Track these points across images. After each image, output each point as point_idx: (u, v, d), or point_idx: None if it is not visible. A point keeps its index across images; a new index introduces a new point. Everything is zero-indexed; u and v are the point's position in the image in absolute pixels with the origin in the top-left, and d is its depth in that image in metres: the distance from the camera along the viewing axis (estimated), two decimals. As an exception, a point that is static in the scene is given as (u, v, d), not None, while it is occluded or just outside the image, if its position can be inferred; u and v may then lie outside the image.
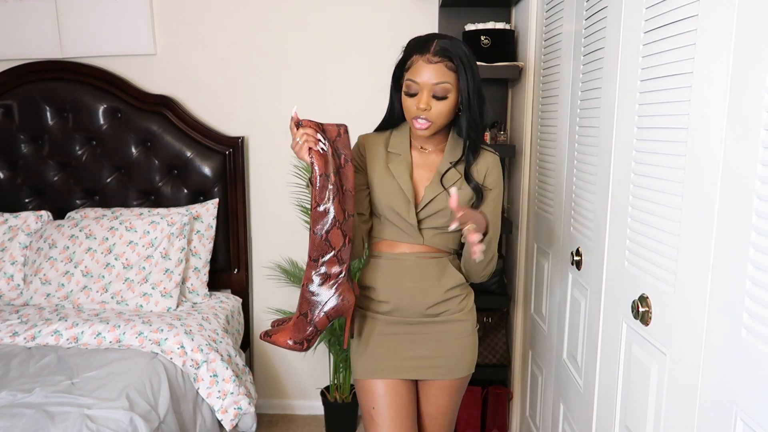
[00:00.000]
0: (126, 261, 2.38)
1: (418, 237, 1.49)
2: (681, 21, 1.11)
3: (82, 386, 1.80)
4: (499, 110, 2.58)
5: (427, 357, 1.52)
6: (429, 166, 1.50)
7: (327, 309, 1.38)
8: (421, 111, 1.38)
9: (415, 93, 1.38)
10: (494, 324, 2.49)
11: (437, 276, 1.50)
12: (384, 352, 1.51)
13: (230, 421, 2.13)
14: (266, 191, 2.75)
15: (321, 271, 1.37)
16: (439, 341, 1.52)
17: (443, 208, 1.45)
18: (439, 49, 1.36)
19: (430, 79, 1.36)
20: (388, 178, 1.48)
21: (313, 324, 1.38)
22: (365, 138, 1.55)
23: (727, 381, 0.96)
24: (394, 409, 1.50)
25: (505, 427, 2.49)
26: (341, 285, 1.39)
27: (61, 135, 2.67)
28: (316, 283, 1.37)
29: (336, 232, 1.34)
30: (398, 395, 1.51)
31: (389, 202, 1.47)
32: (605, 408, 1.49)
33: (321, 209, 1.31)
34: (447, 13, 2.53)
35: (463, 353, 1.55)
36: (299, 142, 1.28)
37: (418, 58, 1.37)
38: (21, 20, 2.66)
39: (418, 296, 1.49)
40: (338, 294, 1.39)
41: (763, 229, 0.87)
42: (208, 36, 2.67)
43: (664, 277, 1.17)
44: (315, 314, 1.38)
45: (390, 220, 1.49)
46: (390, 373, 1.50)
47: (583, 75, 1.66)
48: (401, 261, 1.50)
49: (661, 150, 1.19)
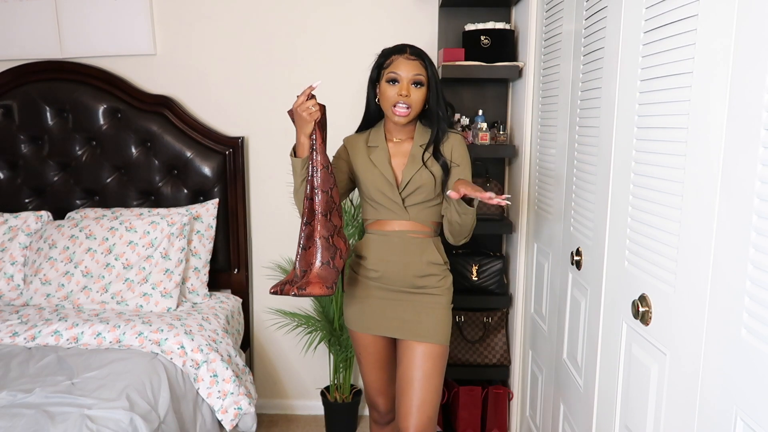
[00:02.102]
0: (126, 261, 2.38)
1: (404, 213, 1.75)
2: (681, 21, 1.11)
3: (82, 386, 1.80)
4: (499, 110, 2.58)
5: (406, 320, 1.77)
6: (403, 153, 1.78)
7: (342, 253, 1.65)
8: (401, 97, 1.67)
9: (396, 80, 1.68)
10: (494, 324, 2.50)
11: (420, 252, 1.76)
12: (371, 311, 1.80)
13: (230, 421, 2.13)
14: (266, 191, 2.75)
15: (331, 224, 1.63)
16: (417, 308, 1.77)
17: (421, 185, 1.73)
18: (414, 51, 1.71)
19: (410, 70, 1.68)
20: (371, 167, 1.77)
21: (335, 267, 1.63)
22: (348, 139, 1.86)
23: (727, 381, 0.96)
24: (375, 357, 1.85)
25: (505, 427, 2.49)
26: (342, 233, 1.68)
27: (61, 135, 2.67)
28: (330, 234, 1.63)
29: (336, 190, 1.63)
30: (379, 349, 1.84)
31: (376, 186, 1.75)
32: (605, 408, 1.49)
33: (326, 170, 1.59)
34: (447, 13, 2.53)
35: (437, 321, 1.77)
36: (312, 109, 1.55)
37: (398, 57, 1.70)
38: (21, 20, 2.66)
39: (402, 268, 1.75)
40: (344, 240, 1.67)
41: (763, 229, 0.87)
42: (208, 36, 2.67)
43: (664, 277, 1.17)
44: (335, 259, 1.63)
45: (379, 202, 1.76)
46: (375, 330, 1.80)
47: (583, 75, 1.66)
48: (390, 237, 1.77)
49: (661, 150, 1.19)
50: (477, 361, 2.48)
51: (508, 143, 2.45)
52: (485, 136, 2.33)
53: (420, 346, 1.74)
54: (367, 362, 1.87)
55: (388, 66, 1.70)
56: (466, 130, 2.44)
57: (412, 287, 1.76)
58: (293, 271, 1.66)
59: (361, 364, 1.90)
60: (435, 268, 1.77)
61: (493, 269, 2.45)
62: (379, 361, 1.86)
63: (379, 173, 1.74)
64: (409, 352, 1.76)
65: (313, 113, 1.56)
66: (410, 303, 1.77)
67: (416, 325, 1.75)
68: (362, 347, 1.86)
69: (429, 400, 1.74)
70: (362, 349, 1.86)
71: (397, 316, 1.77)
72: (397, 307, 1.77)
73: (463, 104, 2.56)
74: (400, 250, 1.75)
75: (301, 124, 1.58)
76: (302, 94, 1.56)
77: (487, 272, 2.45)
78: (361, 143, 1.81)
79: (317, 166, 1.59)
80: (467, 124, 2.47)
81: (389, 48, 1.74)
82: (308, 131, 1.58)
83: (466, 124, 2.47)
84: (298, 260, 1.66)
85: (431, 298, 1.77)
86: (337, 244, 1.64)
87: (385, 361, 1.86)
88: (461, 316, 2.48)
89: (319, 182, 1.60)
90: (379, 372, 1.88)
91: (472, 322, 2.50)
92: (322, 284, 1.59)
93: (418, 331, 1.75)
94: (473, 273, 2.45)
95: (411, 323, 1.76)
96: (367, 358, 1.86)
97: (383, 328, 1.79)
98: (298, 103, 1.56)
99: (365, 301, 1.80)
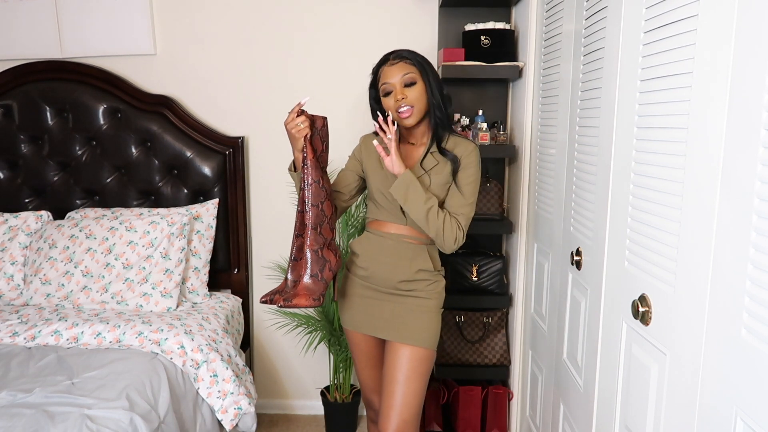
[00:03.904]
0: (126, 261, 2.38)
1: (402, 218, 1.77)
2: (681, 21, 1.11)
3: (82, 386, 1.80)
4: (499, 110, 2.58)
5: (393, 322, 1.78)
6: (413, 158, 1.79)
7: (332, 266, 1.68)
8: (398, 103, 1.68)
9: (390, 91, 1.70)
10: (494, 324, 2.50)
11: (410, 258, 1.77)
12: (359, 310, 1.83)
13: (230, 421, 2.13)
14: (266, 191, 2.75)
15: (321, 237, 1.66)
16: (403, 310, 1.78)
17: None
18: (396, 55, 1.72)
19: (396, 74, 1.69)
20: (378, 168, 1.79)
21: (324, 280, 1.67)
22: (364, 137, 1.89)
23: (727, 381, 0.96)
24: (367, 356, 1.89)
25: (505, 427, 2.49)
26: (333, 245, 1.70)
27: (61, 135, 2.67)
28: (319, 247, 1.66)
29: (327, 203, 1.67)
30: (371, 348, 1.87)
31: (380, 188, 1.78)
32: (605, 408, 1.49)
33: (318, 184, 1.63)
34: (447, 13, 2.53)
35: (422, 324, 1.77)
36: (300, 126, 1.61)
37: (383, 67, 1.72)
38: (21, 20, 2.65)
39: (390, 270, 1.77)
40: (334, 252, 1.70)
41: (763, 229, 0.87)
42: (208, 36, 2.67)
43: (664, 277, 1.17)
44: (324, 272, 1.66)
45: (380, 203, 1.79)
46: (365, 329, 1.83)
47: (583, 75, 1.66)
48: (385, 239, 1.79)
49: (661, 150, 1.19)
50: (477, 361, 2.48)
51: (508, 143, 2.45)
52: (485, 136, 2.33)
53: (403, 348, 1.75)
54: (360, 360, 1.90)
55: (379, 79, 1.73)
56: (466, 130, 2.44)
57: (399, 290, 1.78)
58: (285, 281, 1.70)
59: (355, 362, 1.93)
60: (424, 275, 1.78)
61: (493, 269, 2.45)
62: (371, 360, 1.88)
63: (384, 176, 1.76)
64: (392, 353, 1.77)
65: (302, 130, 1.61)
66: (397, 304, 1.78)
67: (401, 327, 1.76)
68: (354, 345, 1.89)
69: (408, 402, 1.74)
70: (354, 346, 1.89)
71: (383, 316, 1.79)
72: (383, 308, 1.79)
73: (463, 104, 2.56)
74: (392, 253, 1.77)
75: (291, 140, 1.65)
76: (291, 111, 1.61)
77: (487, 272, 2.45)
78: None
79: (308, 180, 1.63)
80: (467, 124, 2.47)
81: (376, 64, 1.76)
82: (299, 147, 1.63)
83: (466, 124, 2.47)
84: (290, 271, 1.69)
85: (419, 301, 1.78)
86: (326, 257, 1.67)
87: (377, 359, 1.88)
88: (461, 316, 2.48)
89: (310, 196, 1.64)
90: (371, 370, 1.90)
91: (472, 322, 2.50)
92: (308, 296, 1.63)
93: (402, 333, 1.76)
94: (473, 273, 2.45)
95: (396, 324, 1.77)
96: (359, 356, 1.89)
97: (371, 327, 1.81)
98: (287, 120, 1.62)
99: (354, 299, 1.84)
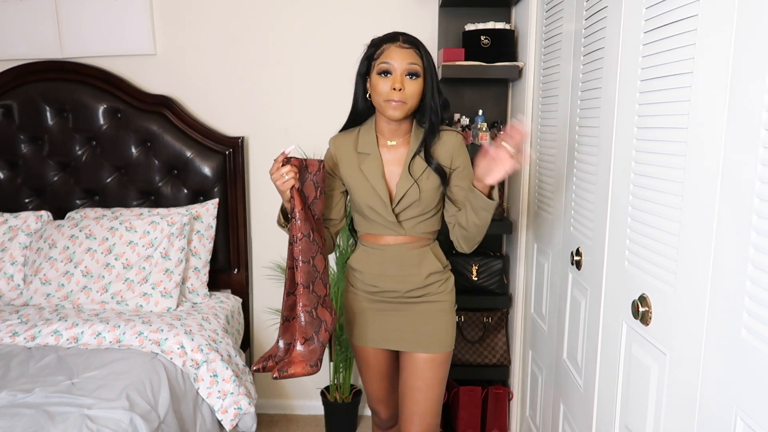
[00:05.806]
0: (126, 261, 2.38)
1: (399, 229, 1.64)
2: (681, 21, 1.11)
3: (82, 386, 1.80)
4: (499, 110, 2.58)
5: (408, 331, 1.68)
6: (398, 161, 1.62)
7: (328, 326, 1.53)
8: (394, 92, 1.50)
9: (389, 72, 1.51)
10: (494, 324, 2.50)
11: (418, 263, 1.65)
12: (371, 325, 1.71)
13: (230, 421, 2.13)
14: (266, 191, 2.74)
15: (314, 295, 1.50)
16: (419, 319, 1.68)
17: (417, 199, 1.59)
18: (408, 39, 1.54)
19: (404, 59, 1.50)
20: (362, 179, 1.61)
21: (320, 343, 1.50)
22: (335, 142, 1.68)
23: (727, 381, 0.96)
24: (377, 370, 1.77)
25: (505, 427, 2.49)
26: (328, 302, 1.55)
27: (61, 135, 2.67)
28: (313, 307, 1.50)
29: (319, 257, 1.51)
30: (381, 362, 1.76)
31: (367, 202, 1.61)
32: (605, 408, 1.49)
33: (308, 238, 1.47)
34: (447, 13, 2.53)
35: (440, 330, 1.69)
36: (285, 177, 1.44)
37: (390, 45, 1.52)
38: (21, 20, 2.65)
39: (400, 282, 1.66)
40: (330, 310, 1.55)
41: (763, 229, 0.87)
42: (208, 36, 2.67)
43: (664, 277, 1.17)
44: (320, 334, 1.50)
45: (371, 217, 1.64)
46: (376, 343, 1.72)
47: (583, 75, 1.66)
48: (386, 251, 1.66)
49: (661, 150, 1.19)
50: (477, 361, 2.48)
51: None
52: (485, 136, 2.33)
53: (422, 356, 1.68)
54: (369, 375, 1.80)
55: (380, 56, 1.52)
56: (466, 130, 2.44)
57: (411, 298, 1.68)
58: (276, 344, 1.57)
59: (363, 375, 1.83)
60: (434, 276, 1.68)
61: (493, 269, 2.45)
62: (380, 374, 1.79)
63: (371, 188, 1.60)
64: (410, 363, 1.70)
65: (287, 182, 1.44)
66: (411, 313, 1.69)
67: (417, 336, 1.68)
68: (362, 360, 1.78)
69: (430, 408, 1.70)
70: (362, 361, 1.79)
71: (397, 328, 1.69)
72: (398, 319, 1.69)
73: (463, 104, 2.56)
74: (399, 264, 1.65)
75: (278, 191, 1.48)
76: (276, 159, 1.46)
77: (487, 272, 2.45)
78: (350, 147, 1.64)
79: (297, 235, 1.46)
80: (467, 124, 2.47)
81: (379, 37, 1.56)
82: (287, 198, 1.48)
83: (466, 124, 2.47)
84: (281, 332, 1.55)
85: (432, 306, 1.69)
86: (321, 316, 1.51)
87: (387, 372, 1.79)
88: (461, 316, 2.48)
89: (299, 251, 1.46)
90: (380, 383, 1.81)
91: (472, 322, 2.50)
92: (305, 363, 1.47)
93: (419, 343, 1.68)
94: (473, 273, 2.45)
95: (412, 334, 1.68)
96: (368, 370, 1.79)
97: (384, 340, 1.71)
98: (272, 170, 1.45)
99: (363, 315, 1.72)
